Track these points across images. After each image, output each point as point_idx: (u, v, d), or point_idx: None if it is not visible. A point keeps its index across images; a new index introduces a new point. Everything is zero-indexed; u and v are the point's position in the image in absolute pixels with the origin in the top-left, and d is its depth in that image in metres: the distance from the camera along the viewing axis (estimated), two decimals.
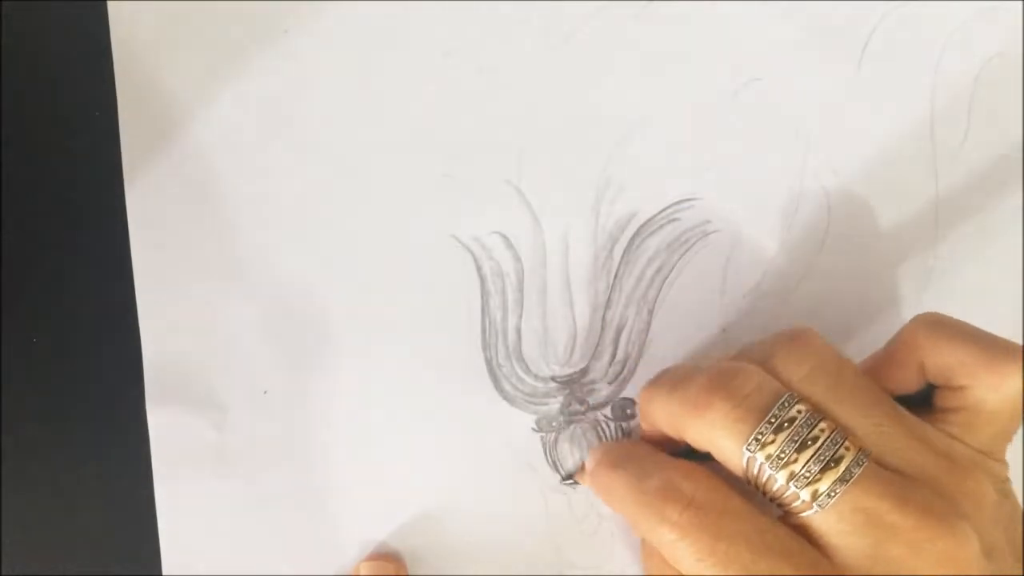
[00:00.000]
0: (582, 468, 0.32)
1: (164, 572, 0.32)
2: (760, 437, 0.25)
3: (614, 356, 0.33)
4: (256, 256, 0.32)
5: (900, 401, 0.27)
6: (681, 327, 0.32)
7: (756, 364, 0.27)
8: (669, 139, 0.33)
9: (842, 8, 0.33)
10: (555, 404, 0.33)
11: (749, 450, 0.25)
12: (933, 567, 0.24)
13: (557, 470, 0.32)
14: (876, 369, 0.29)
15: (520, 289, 0.32)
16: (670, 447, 0.29)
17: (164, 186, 0.33)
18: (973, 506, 0.25)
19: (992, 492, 0.26)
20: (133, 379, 0.33)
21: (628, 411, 0.32)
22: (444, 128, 0.32)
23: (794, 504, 0.25)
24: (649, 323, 0.32)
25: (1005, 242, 0.33)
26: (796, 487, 0.24)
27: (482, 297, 0.32)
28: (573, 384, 0.33)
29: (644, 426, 0.30)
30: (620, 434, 0.32)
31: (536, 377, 0.33)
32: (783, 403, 0.25)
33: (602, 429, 0.32)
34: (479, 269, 0.33)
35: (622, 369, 0.33)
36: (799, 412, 0.25)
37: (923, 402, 0.28)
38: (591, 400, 0.33)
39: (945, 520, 0.24)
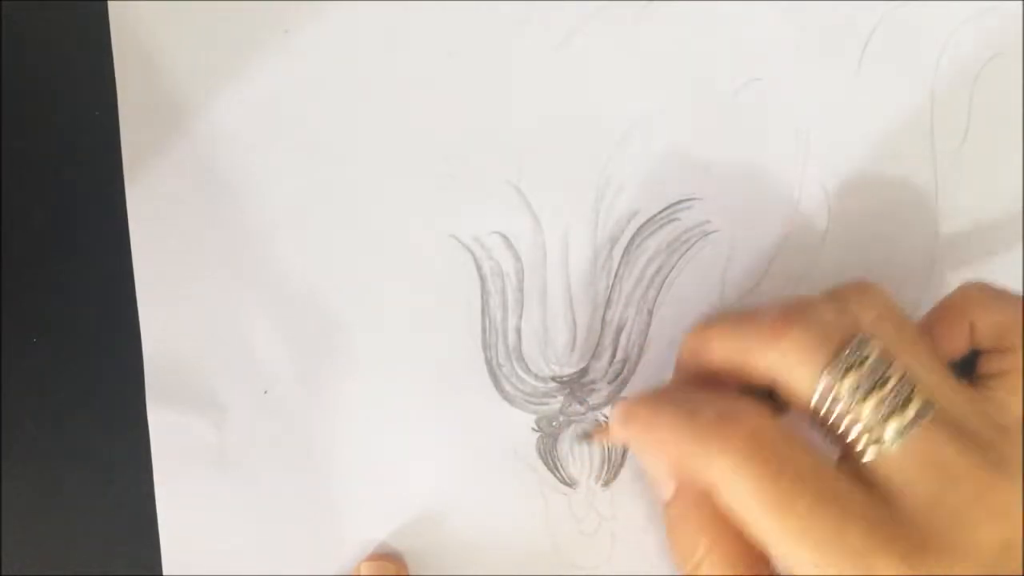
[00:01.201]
0: (602, 428, 0.31)
1: (164, 572, 0.32)
2: (839, 366, 0.24)
3: (614, 356, 0.33)
4: (257, 256, 0.32)
5: None
6: (681, 327, 0.32)
7: (832, 302, 0.27)
8: (669, 139, 0.33)
9: (842, 8, 0.33)
10: (555, 404, 0.33)
11: (826, 378, 0.24)
12: (991, 518, 0.23)
13: (556, 470, 0.32)
14: (925, 330, 0.29)
15: (520, 289, 0.32)
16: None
17: (164, 186, 0.33)
18: (1014, 469, 0.24)
19: None
20: (134, 379, 0.33)
21: None
22: (444, 128, 0.32)
23: (862, 441, 0.24)
24: (649, 323, 0.32)
25: (1005, 242, 0.33)
26: (869, 422, 0.24)
27: (482, 297, 0.33)
28: (573, 384, 0.33)
29: (688, 367, 0.29)
30: None
31: (536, 377, 0.33)
32: (860, 340, 0.25)
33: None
34: (479, 269, 0.33)
35: (622, 369, 0.33)
36: (874, 351, 0.25)
37: (965, 374, 0.28)
38: (591, 400, 0.33)
39: (1007, 473, 0.24)
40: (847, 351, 0.25)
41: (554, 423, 0.32)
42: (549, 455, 0.32)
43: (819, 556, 0.23)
